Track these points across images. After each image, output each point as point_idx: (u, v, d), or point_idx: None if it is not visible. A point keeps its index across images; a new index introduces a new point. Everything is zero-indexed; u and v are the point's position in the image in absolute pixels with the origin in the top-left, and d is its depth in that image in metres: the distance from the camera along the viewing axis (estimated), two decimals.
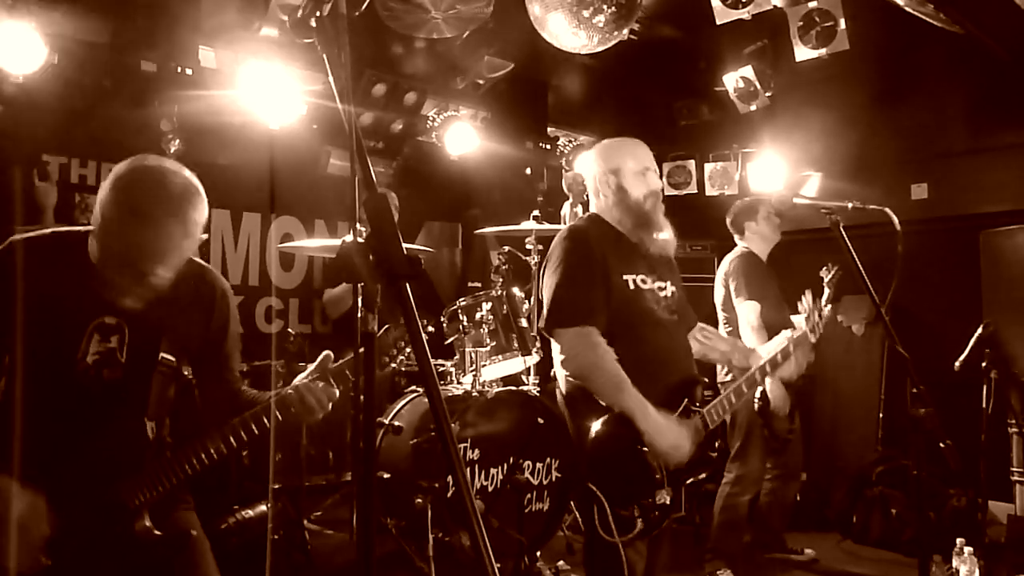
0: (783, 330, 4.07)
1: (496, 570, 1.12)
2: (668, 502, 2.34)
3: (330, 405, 2.00)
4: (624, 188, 2.62)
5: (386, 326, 2.10)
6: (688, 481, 2.46)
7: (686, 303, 2.75)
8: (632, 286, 2.52)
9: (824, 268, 4.28)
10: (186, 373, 2.16)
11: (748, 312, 3.96)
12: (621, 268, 2.51)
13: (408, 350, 2.12)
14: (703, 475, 2.53)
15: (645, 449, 2.34)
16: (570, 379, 2.49)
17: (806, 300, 3.04)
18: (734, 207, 4.39)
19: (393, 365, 2.15)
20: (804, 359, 2.85)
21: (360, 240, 1.12)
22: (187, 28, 4.27)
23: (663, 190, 2.74)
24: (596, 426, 2.35)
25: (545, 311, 2.52)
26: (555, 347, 2.51)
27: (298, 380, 2.01)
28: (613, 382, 2.36)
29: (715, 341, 2.93)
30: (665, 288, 2.63)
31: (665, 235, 2.65)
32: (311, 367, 2.05)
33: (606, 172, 2.65)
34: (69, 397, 1.90)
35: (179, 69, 4.25)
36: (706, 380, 2.72)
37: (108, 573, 1.86)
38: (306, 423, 2.03)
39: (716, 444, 2.55)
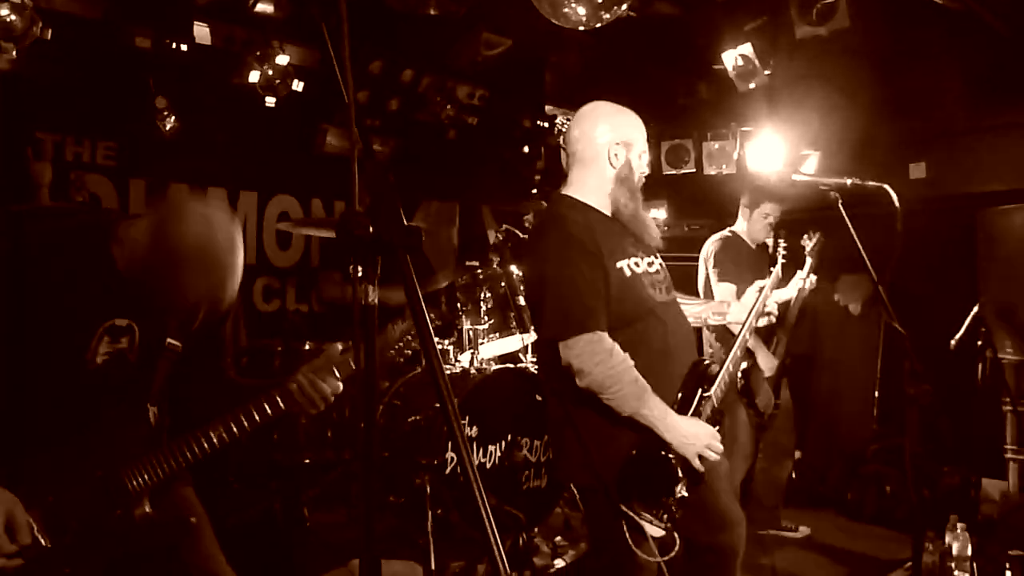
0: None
1: (501, 548, 1.12)
2: (686, 493, 2.24)
3: (332, 397, 1.98)
4: (631, 165, 2.39)
5: (394, 319, 2.09)
6: (701, 469, 2.33)
7: (667, 273, 2.55)
8: (628, 272, 2.31)
9: (805, 235, 4.29)
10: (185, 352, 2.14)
11: (724, 294, 3.98)
12: (614, 256, 2.30)
13: (415, 344, 2.11)
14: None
15: (671, 456, 2.22)
16: (580, 390, 2.24)
17: (780, 242, 2.95)
18: (749, 186, 4.35)
19: (400, 359, 2.14)
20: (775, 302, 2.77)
21: (359, 210, 1.11)
22: (181, 3, 4.23)
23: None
24: (633, 451, 2.22)
25: (543, 318, 2.27)
26: (565, 355, 2.22)
27: (303, 370, 1.98)
28: (634, 392, 2.17)
29: (686, 305, 2.75)
30: (654, 263, 2.43)
31: (642, 213, 2.44)
32: (318, 359, 2.00)
33: (617, 143, 2.38)
34: (73, 389, 1.88)
35: (173, 45, 4.21)
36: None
37: (108, 557, 1.86)
38: (306, 413, 2.01)
39: (722, 420, 2.44)
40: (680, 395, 2.34)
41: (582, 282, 2.21)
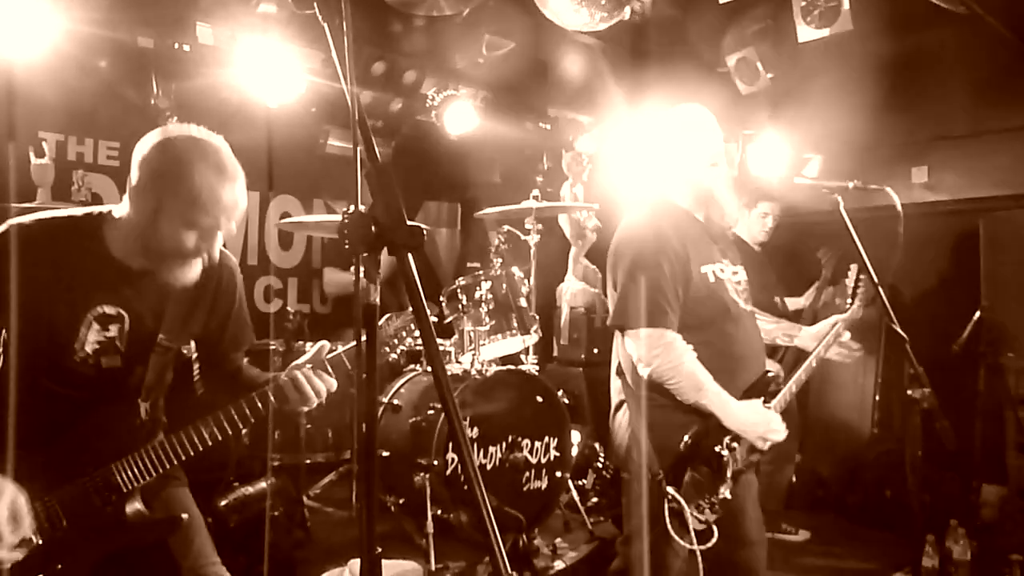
0: (768, 313, 4.08)
1: (502, 548, 1.12)
2: (728, 495, 2.33)
3: (325, 395, 1.98)
4: (691, 162, 2.49)
5: (388, 315, 2.09)
6: (742, 474, 2.43)
7: (748, 285, 2.65)
8: (713, 278, 2.43)
9: (821, 250, 4.31)
10: (185, 352, 2.15)
11: None
12: (700, 259, 2.42)
13: (410, 340, 2.11)
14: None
15: (724, 453, 2.33)
16: (645, 377, 2.37)
17: (852, 273, 2.96)
18: (758, 182, 4.40)
19: (394, 356, 2.14)
20: (852, 341, 2.80)
21: (362, 210, 1.11)
22: (184, 4, 4.23)
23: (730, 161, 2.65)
24: (686, 438, 2.31)
25: (614, 307, 2.42)
26: (629, 345, 2.40)
27: (295, 365, 1.99)
28: (693, 383, 2.30)
29: (760, 320, 2.87)
30: (738, 273, 2.55)
31: (729, 212, 2.58)
32: (307, 355, 2.02)
33: (676, 144, 2.51)
34: (64, 382, 1.89)
35: (176, 45, 4.21)
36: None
37: (99, 554, 1.86)
38: (301, 410, 2.01)
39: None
40: (741, 398, 2.40)
41: (661, 279, 2.34)
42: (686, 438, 2.31)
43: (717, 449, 2.33)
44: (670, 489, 2.25)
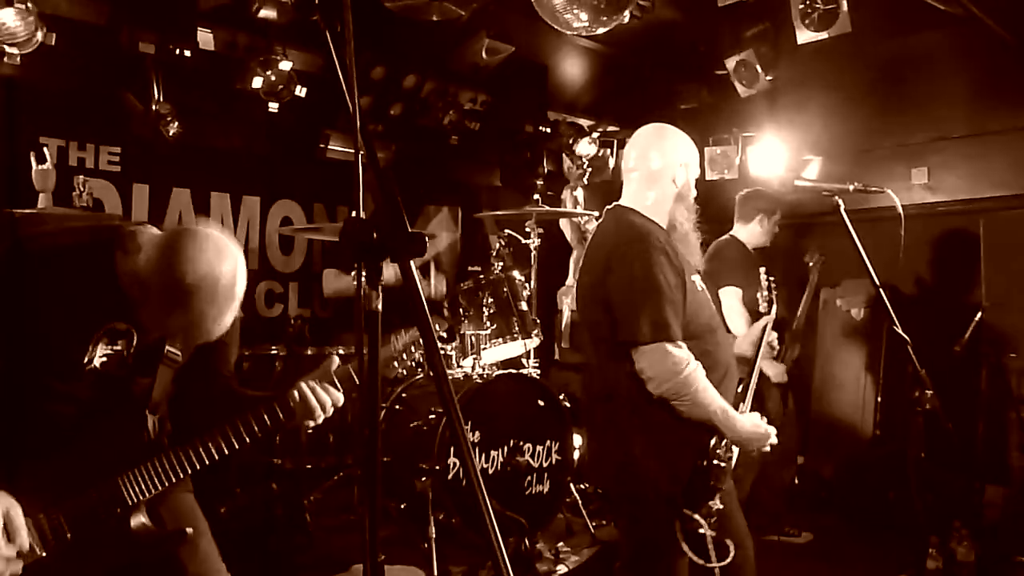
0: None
1: (504, 554, 1.12)
2: (721, 506, 2.30)
3: (331, 409, 1.98)
4: (689, 185, 2.53)
5: (396, 331, 2.09)
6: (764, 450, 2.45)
7: None
8: (699, 287, 2.44)
9: (807, 254, 4.30)
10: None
11: (729, 298, 3.99)
12: (689, 269, 2.42)
13: (417, 356, 2.11)
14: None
15: (723, 464, 2.31)
16: (647, 397, 2.31)
17: (763, 278, 2.99)
18: (756, 191, 4.38)
19: (403, 371, 2.13)
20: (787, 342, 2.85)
21: (364, 217, 1.11)
22: (185, 9, 4.24)
23: None
24: (703, 459, 2.30)
25: (622, 322, 2.33)
26: (641, 361, 2.29)
27: (302, 381, 1.98)
28: (706, 399, 2.26)
29: None
30: (703, 286, 2.54)
31: (687, 236, 2.54)
32: (316, 371, 2.01)
33: (680, 164, 2.50)
34: (70, 393, 1.88)
35: (177, 51, 4.22)
36: None
37: (104, 567, 1.86)
38: (307, 423, 2.00)
39: None
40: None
41: (668, 291, 2.30)
42: (703, 459, 2.29)
43: (717, 461, 2.31)
44: (688, 511, 2.24)
